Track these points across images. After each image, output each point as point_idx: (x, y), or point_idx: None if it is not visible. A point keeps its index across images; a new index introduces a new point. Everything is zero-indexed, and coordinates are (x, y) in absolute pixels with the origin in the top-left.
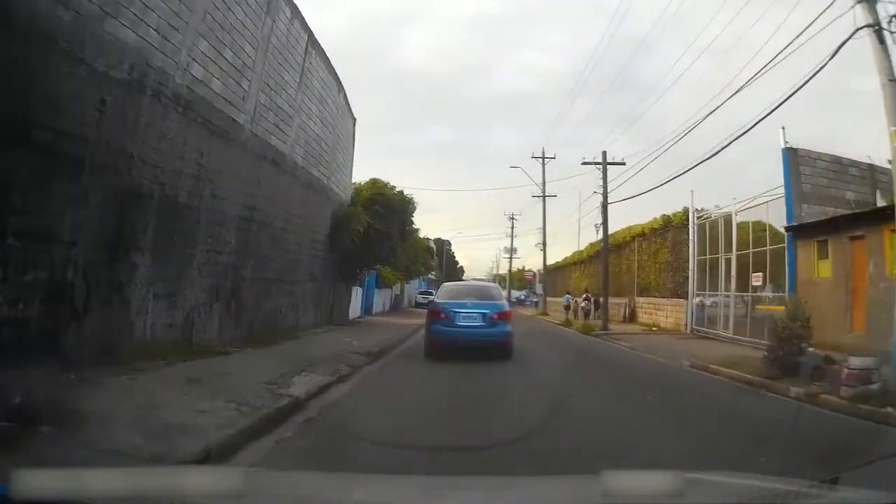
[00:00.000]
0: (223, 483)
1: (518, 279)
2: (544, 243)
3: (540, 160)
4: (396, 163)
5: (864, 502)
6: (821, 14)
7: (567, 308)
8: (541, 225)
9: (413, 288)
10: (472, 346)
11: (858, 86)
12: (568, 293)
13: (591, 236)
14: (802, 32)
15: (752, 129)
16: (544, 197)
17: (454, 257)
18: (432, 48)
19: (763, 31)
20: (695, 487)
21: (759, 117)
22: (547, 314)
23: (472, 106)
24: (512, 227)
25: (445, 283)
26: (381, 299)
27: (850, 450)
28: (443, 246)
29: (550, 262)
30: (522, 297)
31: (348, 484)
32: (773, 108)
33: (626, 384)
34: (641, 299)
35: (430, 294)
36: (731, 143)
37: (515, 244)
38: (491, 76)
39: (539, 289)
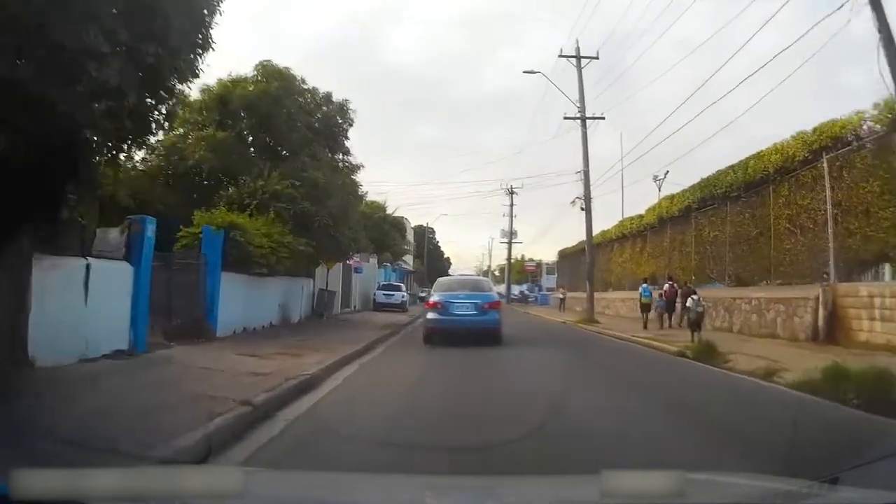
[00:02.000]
0: (223, 483)
1: (518, 270)
2: (587, 196)
3: (574, 62)
4: (386, 161)
5: (864, 502)
6: None
7: (646, 308)
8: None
9: (370, 278)
10: (466, 332)
11: None
12: (645, 282)
13: (634, 204)
14: None
15: None
16: (583, 119)
17: (439, 247)
18: (419, 47)
19: None
20: (695, 487)
21: None
22: (596, 321)
23: (461, 104)
24: (511, 205)
25: (441, 278)
26: (266, 298)
27: None
28: (424, 233)
29: (567, 245)
30: (525, 291)
31: (348, 484)
32: None
33: None
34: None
35: (398, 289)
36: None
37: (514, 226)
38: (479, 74)
39: (550, 281)
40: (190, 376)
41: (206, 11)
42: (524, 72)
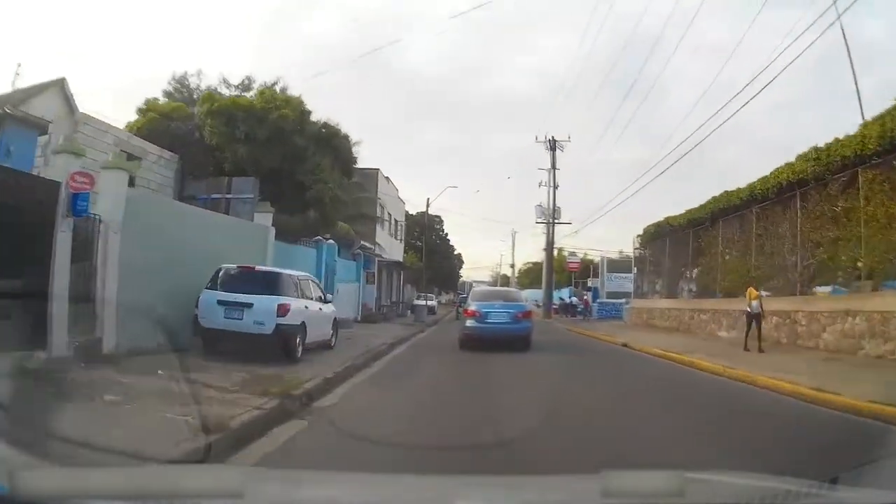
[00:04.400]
0: (223, 483)
1: (557, 269)
2: None
3: None
4: (397, 168)
5: (864, 502)
6: None
7: None
8: None
9: (221, 247)
10: (500, 339)
11: None
12: None
13: None
14: None
15: None
16: None
17: (447, 240)
18: (429, 51)
19: None
20: (695, 487)
21: None
22: None
23: (471, 109)
24: (553, 168)
25: (475, 289)
26: None
27: None
28: (430, 221)
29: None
30: (572, 298)
31: (348, 483)
32: None
33: None
34: None
35: (273, 288)
36: None
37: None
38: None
39: (616, 283)
40: None
41: None
42: None
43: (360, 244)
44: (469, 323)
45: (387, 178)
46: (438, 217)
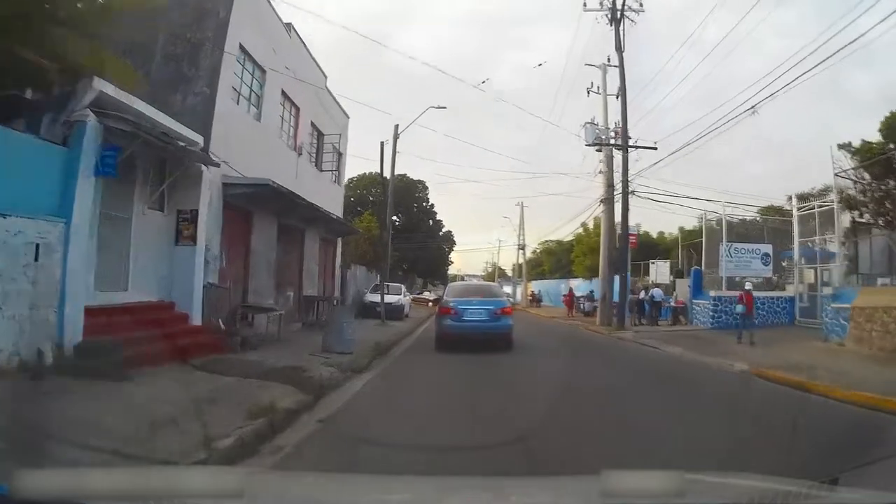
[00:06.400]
0: (223, 483)
1: (592, 248)
2: None
3: None
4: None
5: (864, 502)
6: None
7: None
8: None
9: None
10: (479, 338)
11: None
12: None
13: None
14: None
15: None
16: None
17: (433, 212)
18: (428, 46)
19: None
20: (695, 487)
21: None
22: None
23: (469, 104)
24: (619, 50)
25: (452, 284)
26: None
27: None
28: (408, 185)
29: None
30: (653, 294)
31: (348, 484)
32: None
33: None
34: None
35: None
36: None
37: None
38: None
39: (748, 259)
40: None
41: None
42: None
43: (93, 88)
44: (445, 321)
45: (289, 24)
46: (422, 182)
